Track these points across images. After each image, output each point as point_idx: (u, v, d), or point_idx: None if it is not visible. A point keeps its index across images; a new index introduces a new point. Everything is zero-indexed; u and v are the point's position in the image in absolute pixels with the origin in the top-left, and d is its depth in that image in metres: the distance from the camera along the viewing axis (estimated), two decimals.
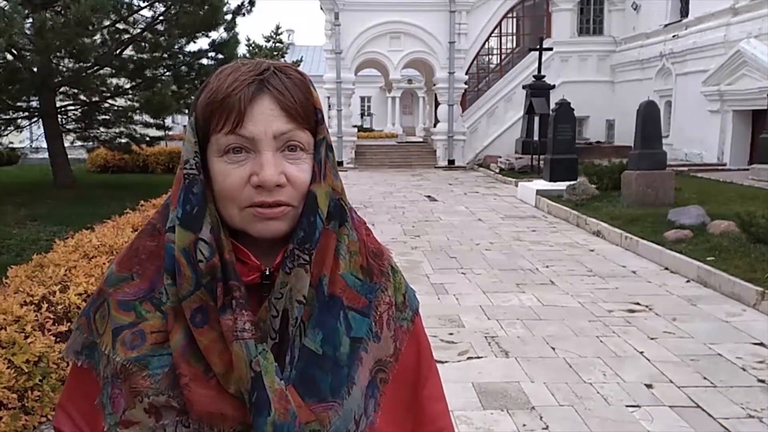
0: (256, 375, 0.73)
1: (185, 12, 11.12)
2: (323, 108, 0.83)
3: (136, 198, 9.39)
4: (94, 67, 11.50)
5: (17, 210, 10.26)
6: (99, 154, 17.34)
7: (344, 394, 0.79)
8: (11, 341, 3.36)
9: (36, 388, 3.34)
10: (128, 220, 6.41)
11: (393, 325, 0.86)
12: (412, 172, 20.09)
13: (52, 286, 4.15)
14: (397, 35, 21.66)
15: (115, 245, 5.18)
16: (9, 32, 8.80)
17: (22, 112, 12.63)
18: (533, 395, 3.69)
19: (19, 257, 6.87)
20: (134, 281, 0.81)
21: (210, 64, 12.73)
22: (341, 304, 0.81)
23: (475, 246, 8.19)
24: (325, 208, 0.79)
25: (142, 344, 0.77)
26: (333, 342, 0.79)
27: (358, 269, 0.84)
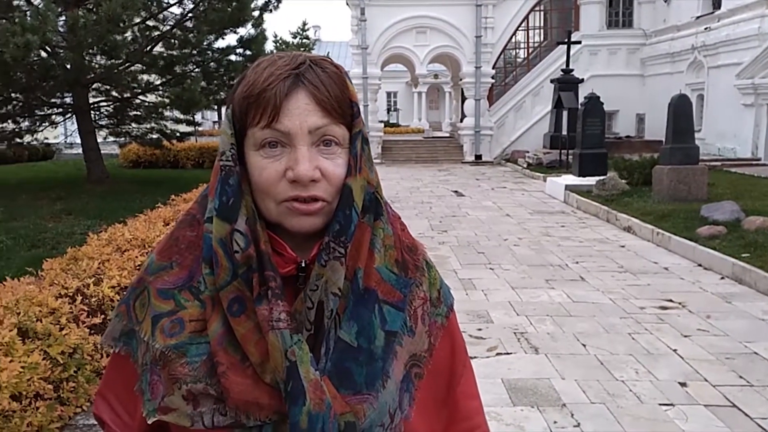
0: (291, 364, 0.74)
1: (214, 8, 11.23)
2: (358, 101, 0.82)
3: (167, 192, 9.53)
4: (125, 64, 11.69)
5: (52, 204, 10.51)
6: (131, 150, 17.64)
7: (379, 387, 0.79)
8: (47, 333, 3.43)
9: (71, 380, 3.41)
10: (160, 214, 6.50)
11: (428, 320, 0.86)
12: (439, 167, 20.02)
13: (86, 279, 4.23)
14: (423, 30, 21.57)
15: (147, 239, 5.27)
16: (43, 30, 9.00)
17: (57, 108, 12.91)
18: (564, 392, 3.66)
19: (55, 250, 7.02)
20: (173, 270, 0.82)
21: (238, 60, 12.85)
22: (376, 297, 0.81)
23: (503, 241, 8.13)
24: (360, 202, 0.80)
25: (180, 332, 0.78)
26: (368, 335, 0.79)
27: (393, 263, 0.84)
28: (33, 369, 3.11)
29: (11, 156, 19.10)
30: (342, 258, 0.78)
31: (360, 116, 0.81)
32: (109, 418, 0.88)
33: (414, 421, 0.84)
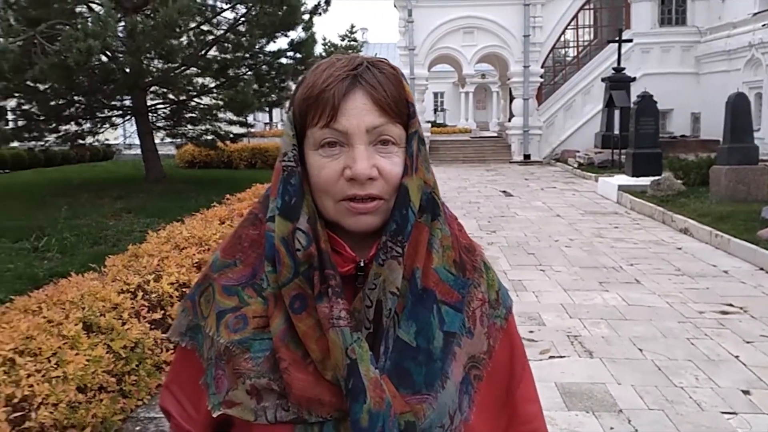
0: (351, 362, 0.75)
1: (265, 13, 11.43)
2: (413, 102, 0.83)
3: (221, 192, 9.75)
4: (181, 68, 12.03)
5: (113, 203, 10.90)
6: (187, 151, 18.13)
7: (438, 387, 0.79)
8: (110, 327, 3.55)
9: (133, 373, 3.52)
10: (215, 213, 6.66)
11: (486, 322, 0.86)
12: (486, 167, 19.86)
13: (147, 275, 4.36)
14: (470, 30, 21.45)
15: (204, 237, 5.40)
16: (104, 35, 9.33)
17: (117, 110, 13.38)
18: (620, 398, 3.58)
19: (115, 247, 7.28)
20: (237, 267, 0.84)
21: (289, 63, 13.05)
22: (434, 297, 0.81)
23: (554, 242, 8.01)
24: (417, 201, 0.80)
25: (244, 328, 0.80)
26: (426, 335, 0.80)
27: (451, 264, 0.84)
28: (97, 362, 3.23)
29: (74, 156, 19.90)
30: (399, 257, 0.78)
31: (416, 116, 0.82)
32: (175, 410, 0.90)
33: (473, 424, 0.84)
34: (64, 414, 2.84)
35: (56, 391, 2.85)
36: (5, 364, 2.81)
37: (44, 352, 3.02)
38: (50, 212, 9.69)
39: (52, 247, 7.33)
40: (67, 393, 2.90)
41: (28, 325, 3.18)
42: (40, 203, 10.71)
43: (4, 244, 7.50)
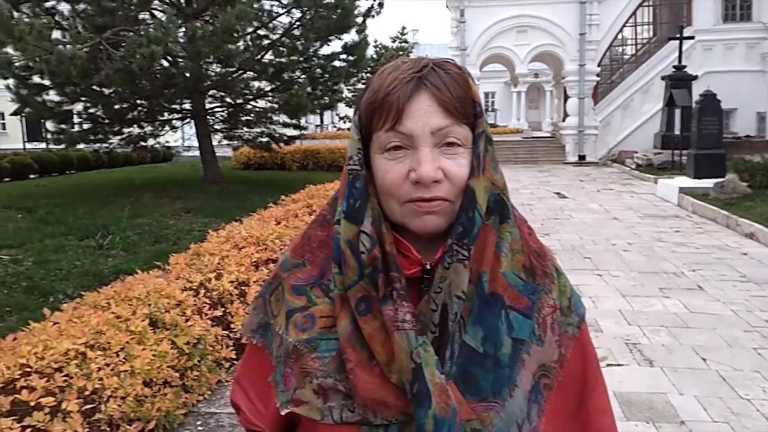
0: (416, 366, 0.74)
1: (320, 16, 11.58)
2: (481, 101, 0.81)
3: (275, 193, 9.94)
4: (238, 72, 12.31)
5: (173, 203, 11.25)
6: (242, 152, 18.55)
7: (506, 395, 0.77)
8: (174, 323, 3.66)
9: (195, 369, 3.62)
10: (272, 213, 6.79)
11: (557, 329, 0.83)
12: (539, 168, 19.56)
13: (208, 273, 4.47)
14: (523, 29, 21.19)
15: (262, 237, 5.51)
16: (165, 41, 9.65)
17: (177, 113, 13.81)
18: (682, 409, 3.48)
19: (176, 246, 7.51)
20: (306, 268, 0.85)
21: (342, 66, 13.17)
22: (503, 303, 0.80)
23: (611, 246, 7.83)
24: (484, 203, 0.78)
25: (312, 327, 0.81)
26: (494, 341, 0.78)
27: (521, 268, 0.82)
28: (162, 357, 3.34)
29: (135, 158, 20.64)
30: (465, 261, 0.77)
31: (483, 116, 0.80)
32: (245, 405, 0.91)
33: None
34: (131, 407, 2.95)
35: (124, 384, 2.96)
36: (77, 358, 2.93)
37: (113, 346, 3.14)
38: (114, 211, 10.08)
39: (116, 245, 7.63)
40: (134, 387, 3.01)
41: (98, 321, 3.31)
42: (105, 203, 11.15)
43: (71, 242, 7.85)
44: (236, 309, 4.33)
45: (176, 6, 11.92)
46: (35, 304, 5.32)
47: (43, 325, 3.22)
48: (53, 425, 2.51)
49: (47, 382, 2.65)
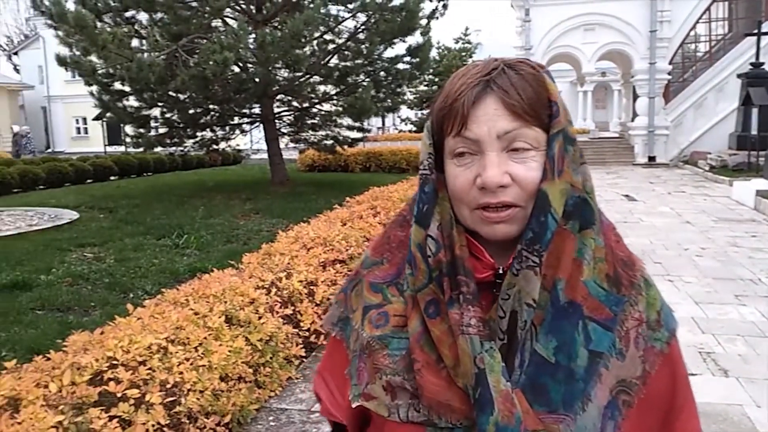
0: (479, 372, 0.74)
1: (385, 20, 11.70)
2: (558, 100, 0.78)
3: (339, 194, 10.13)
4: (305, 76, 12.61)
5: (243, 204, 11.65)
6: (307, 155, 18.99)
7: (578, 409, 0.74)
8: (248, 321, 3.81)
9: (267, 365, 3.74)
10: (337, 215, 6.93)
11: (642, 344, 0.79)
12: (607, 169, 19.03)
13: (279, 272, 4.62)
14: (591, 27, 20.65)
15: (328, 237, 5.63)
16: (237, 47, 10.00)
17: (247, 118, 14.27)
18: (760, 422, 3.35)
19: (246, 245, 7.78)
20: (384, 266, 0.87)
21: (405, 68, 13.26)
22: (581, 313, 0.76)
23: (684, 251, 7.57)
24: (559, 207, 0.75)
25: (385, 325, 0.82)
26: (568, 352, 0.75)
27: (604, 278, 0.78)
28: (237, 353, 3.48)
29: (207, 161, 21.45)
30: (536, 267, 0.74)
31: (559, 116, 0.77)
32: (325, 396, 0.92)
33: None
34: (209, 401, 3.08)
35: (203, 378, 3.11)
36: (159, 352, 3.10)
37: (192, 341, 3.29)
38: (188, 212, 10.52)
39: (190, 244, 7.97)
40: (212, 381, 3.15)
41: (178, 317, 3.49)
42: (179, 204, 11.64)
43: (149, 241, 8.25)
44: (305, 308, 4.45)
45: (247, 13, 12.31)
46: (116, 300, 5.65)
47: (128, 320, 3.43)
48: (137, 416, 2.64)
49: (132, 374, 2.80)
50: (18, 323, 4.94)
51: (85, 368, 2.72)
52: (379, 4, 11.45)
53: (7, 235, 8.72)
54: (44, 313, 5.27)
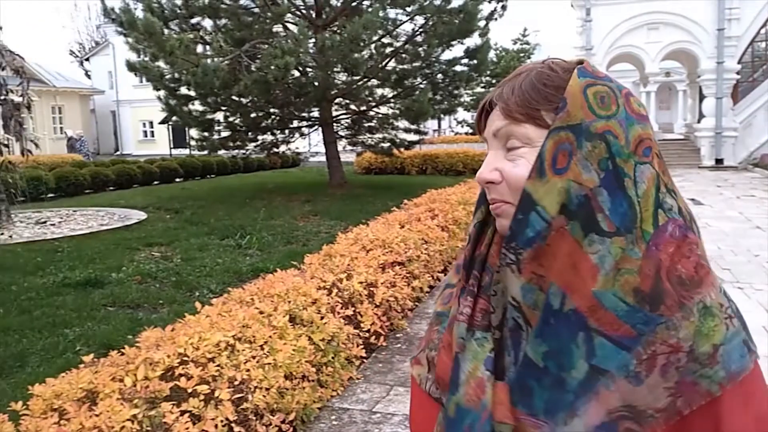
0: (455, 356, 0.78)
1: (443, 22, 11.69)
2: (571, 95, 0.73)
3: (395, 197, 10.17)
4: (363, 79, 12.74)
5: (302, 206, 11.85)
6: (364, 158, 19.15)
7: (560, 420, 0.71)
8: (310, 320, 3.87)
9: (329, 365, 3.79)
10: (395, 217, 6.95)
11: (675, 375, 0.68)
12: (672, 172, 17.76)
13: (339, 274, 4.67)
14: (655, 26, 20.04)
15: (387, 239, 5.67)
16: (297, 52, 10.20)
17: (306, 121, 14.53)
18: None
19: (305, 246, 7.92)
20: (465, 250, 0.90)
21: (463, 70, 13.20)
22: (584, 324, 0.71)
23: (754, 257, 7.25)
24: (551, 206, 0.71)
25: (446, 303, 0.88)
26: (560, 360, 0.71)
27: (630, 291, 0.70)
28: (301, 352, 3.54)
29: (267, 163, 21.96)
30: (512, 265, 0.73)
31: (563, 112, 0.73)
32: (416, 372, 0.92)
33: None
34: (274, 398, 3.15)
35: (268, 376, 3.19)
36: (227, 349, 3.19)
37: (257, 340, 3.37)
38: (249, 213, 10.78)
39: (252, 244, 8.17)
40: (277, 379, 3.22)
41: (245, 315, 3.59)
42: (241, 205, 11.94)
43: (213, 241, 8.50)
44: (365, 309, 4.49)
45: (307, 18, 12.53)
46: (183, 298, 5.85)
47: (197, 317, 3.55)
48: (207, 411, 2.73)
49: (202, 371, 2.88)
50: (91, 319, 5.17)
51: (158, 364, 2.82)
52: (438, 7, 11.46)
53: (81, 234, 9.15)
54: (115, 310, 5.51)
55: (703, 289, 0.72)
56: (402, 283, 5.18)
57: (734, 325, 0.72)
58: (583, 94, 0.73)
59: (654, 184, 0.73)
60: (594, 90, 0.73)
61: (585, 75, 0.74)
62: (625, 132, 0.73)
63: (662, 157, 0.78)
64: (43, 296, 5.81)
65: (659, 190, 0.74)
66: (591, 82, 0.74)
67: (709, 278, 0.73)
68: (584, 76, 0.74)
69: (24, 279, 6.46)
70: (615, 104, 0.73)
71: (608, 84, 0.75)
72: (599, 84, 0.74)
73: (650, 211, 0.72)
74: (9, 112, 9.96)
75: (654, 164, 0.74)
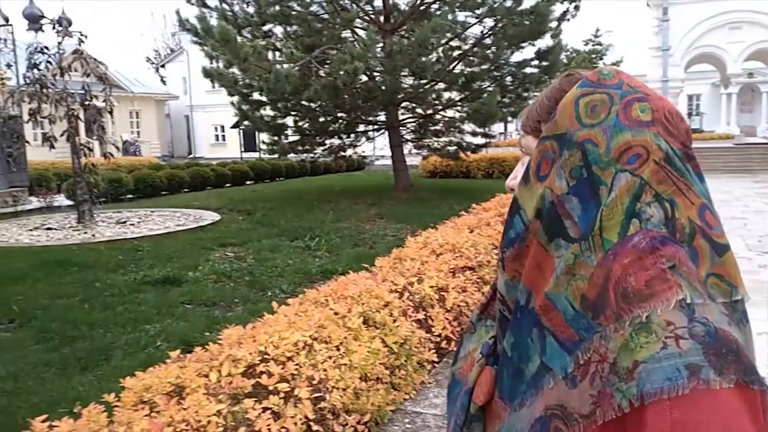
0: (461, 335, 0.91)
1: (513, 24, 11.53)
2: (564, 104, 0.76)
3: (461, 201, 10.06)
4: (430, 83, 12.71)
5: (368, 209, 11.93)
6: (430, 161, 19.14)
7: (516, 406, 0.77)
8: (383, 323, 3.88)
9: (402, 368, 3.79)
10: (464, 221, 6.88)
11: (599, 384, 0.67)
12: (754, 178, 17.47)
13: (410, 277, 4.66)
14: (737, 25, 19.13)
15: (457, 244, 5.62)
16: (366, 57, 10.28)
17: (372, 125, 14.63)
18: None
19: (372, 249, 7.95)
20: None
21: (533, 72, 12.97)
22: (537, 321, 0.73)
23: None
24: (530, 210, 0.76)
25: None
26: (520, 353, 0.76)
27: (578, 297, 0.70)
28: (375, 354, 3.54)
29: (333, 167, 22.30)
30: (500, 262, 0.81)
31: (550, 122, 0.76)
32: None
33: None
34: (350, 399, 3.17)
35: (345, 377, 3.21)
36: (305, 349, 3.23)
37: (333, 340, 3.40)
38: (317, 215, 10.94)
39: (321, 246, 8.27)
40: (353, 380, 3.24)
41: (320, 316, 3.63)
42: (309, 208, 12.13)
43: (284, 242, 8.66)
44: (436, 313, 4.46)
45: (376, 23, 12.62)
46: (256, 297, 5.98)
47: (275, 317, 3.61)
48: (286, 409, 2.78)
49: (282, 369, 2.94)
50: (170, 316, 5.35)
51: (240, 361, 2.89)
52: (508, 9, 11.31)
53: (158, 233, 9.52)
54: (192, 307, 5.68)
55: (648, 304, 0.66)
56: (472, 289, 5.11)
57: (679, 346, 0.64)
58: (574, 104, 0.74)
59: (630, 193, 0.70)
60: (587, 99, 0.74)
61: (584, 85, 0.75)
62: (608, 140, 0.71)
63: (677, 164, 0.72)
64: (125, 293, 6.06)
65: (638, 199, 0.70)
66: (588, 92, 0.75)
67: (665, 294, 0.66)
68: (583, 86, 0.75)
69: (107, 276, 6.76)
70: (606, 112, 0.73)
71: (610, 92, 0.74)
72: (597, 93, 0.74)
73: (616, 220, 0.69)
74: (92, 117, 10.48)
75: (640, 171, 0.71)
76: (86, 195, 10.57)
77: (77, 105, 10.31)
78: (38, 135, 20.29)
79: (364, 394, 3.30)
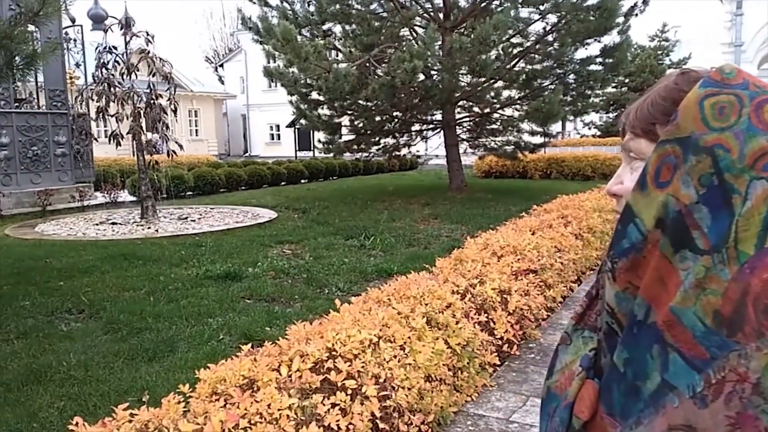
0: (557, 346, 0.86)
1: (578, 20, 11.24)
2: (684, 108, 0.71)
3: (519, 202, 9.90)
4: (489, 81, 12.54)
5: (422, 209, 11.89)
6: (485, 161, 18.92)
7: (632, 424, 0.71)
8: (446, 324, 3.84)
9: (464, 370, 3.75)
10: (526, 223, 6.74)
11: (738, 406, 0.64)
12: None
13: (472, 279, 4.60)
14: None
15: (519, 246, 5.50)
16: (425, 55, 10.22)
17: (428, 124, 14.57)
18: None
19: (426, 249, 7.90)
20: None
21: (598, 70, 12.62)
22: (660, 337, 0.69)
23: None
24: (648, 219, 0.71)
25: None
26: (637, 369, 0.72)
27: (709, 312, 0.66)
28: (439, 355, 3.51)
29: (386, 166, 22.36)
30: (608, 273, 0.76)
31: (671, 125, 0.71)
32: None
33: None
34: (415, 399, 3.16)
35: (410, 376, 3.19)
36: (371, 347, 3.22)
37: (397, 340, 3.39)
38: (371, 215, 10.96)
39: (375, 245, 8.28)
40: (418, 380, 3.22)
41: (384, 315, 3.61)
42: (363, 207, 12.18)
43: (339, 241, 8.71)
44: (498, 316, 4.39)
45: (436, 21, 12.54)
46: (314, 294, 6.02)
47: (341, 314, 3.62)
48: (353, 406, 2.78)
49: (349, 366, 2.95)
50: (232, 310, 5.45)
51: (308, 357, 2.90)
52: (574, 4, 11.00)
53: (218, 230, 9.73)
54: (252, 302, 5.76)
55: None
56: (535, 292, 5.01)
57: None
58: (698, 105, 0.70)
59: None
60: (713, 100, 0.69)
61: (708, 85, 0.71)
62: (742, 145, 0.67)
63: None
64: (188, 287, 6.20)
65: None
66: (712, 92, 0.70)
67: None
68: (707, 86, 0.70)
69: (170, 270, 6.94)
70: (736, 115, 0.68)
71: (738, 92, 0.69)
72: (724, 94, 0.69)
73: (753, 231, 0.66)
74: (157, 116, 10.80)
75: None
76: (149, 191, 10.90)
77: (143, 104, 10.63)
78: (101, 132, 21.20)
79: (428, 394, 3.29)
